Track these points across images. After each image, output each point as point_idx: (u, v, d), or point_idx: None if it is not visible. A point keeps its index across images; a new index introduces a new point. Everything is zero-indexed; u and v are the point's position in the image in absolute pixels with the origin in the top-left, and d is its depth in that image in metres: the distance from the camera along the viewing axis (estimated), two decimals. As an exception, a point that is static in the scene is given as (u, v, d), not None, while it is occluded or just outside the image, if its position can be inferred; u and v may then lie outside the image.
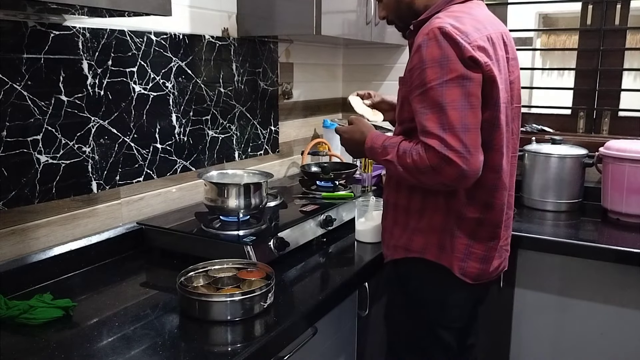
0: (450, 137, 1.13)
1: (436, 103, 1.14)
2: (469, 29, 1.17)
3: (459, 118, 1.13)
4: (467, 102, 1.14)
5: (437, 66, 1.14)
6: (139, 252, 1.55)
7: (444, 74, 1.14)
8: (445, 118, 1.13)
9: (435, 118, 1.14)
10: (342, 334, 1.48)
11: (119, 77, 1.52)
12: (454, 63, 1.14)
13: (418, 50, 1.18)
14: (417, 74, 1.18)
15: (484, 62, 1.16)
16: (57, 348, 1.04)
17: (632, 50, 2.34)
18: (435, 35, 1.15)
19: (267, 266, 1.28)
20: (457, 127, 1.13)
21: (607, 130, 2.30)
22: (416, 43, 1.20)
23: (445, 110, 1.13)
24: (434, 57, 1.15)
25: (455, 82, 1.14)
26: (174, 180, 1.76)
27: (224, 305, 1.13)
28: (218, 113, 1.91)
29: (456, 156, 1.12)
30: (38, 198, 1.34)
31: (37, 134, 1.32)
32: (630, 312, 1.77)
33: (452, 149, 1.12)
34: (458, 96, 1.14)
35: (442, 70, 1.14)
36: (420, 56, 1.17)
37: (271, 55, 2.16)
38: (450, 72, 1.14)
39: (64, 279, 1.37)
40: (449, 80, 1.14)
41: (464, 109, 1.14)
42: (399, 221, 1.37)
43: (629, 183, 1.93)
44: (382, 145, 1.29)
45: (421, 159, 1.17)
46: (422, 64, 1.16)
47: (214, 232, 1.50)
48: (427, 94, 1.16)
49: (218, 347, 1.08)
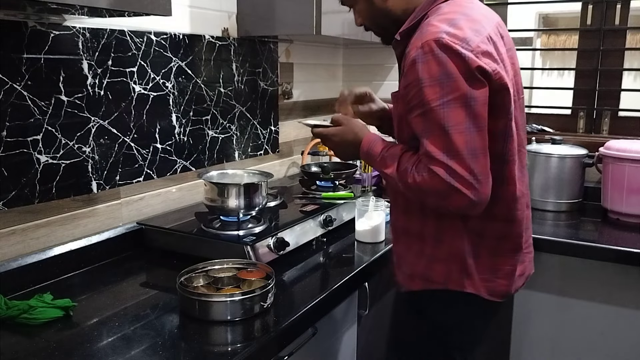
0: (456, 164, 1.02)
1: (439, 126, 1.03)
2: (468, 34, 1.05)
3: (465, 142, 1.02)
4: (473, 124, 1.03)
5: (437, 85, 1.03)
6: (139, 252, 1.55)
7: (445, 93, 1.02)
8: (450, 143, 1.02)
9: (439, 143, 1.03)
10: (342, 334, 1.48)
11: (119, 77, 1.52)
12: (456, 80, 1.02)
13: (413, 66, 1.06)
14: (414, 92, 1.06)
15: (492, 70, 1.05)
16: (57, 348, 1.04)
17: (632, 50, 2.34)
18: (432, 48, 1.03)
19: (267, 266, 1.28)
20: (463, 153, 1.02)
21: (607, 130, 2.30)
22: (409, 57, 1.07)
23: (450, 134, 1.02)
24: (433, 75, 1.03)
25: (459, 102, 1.02)
26: (174, 180, 1.76)
27: (224, 305, 1.13)
28: (218, 113, 1.91)
29: (464, 186, 1.02)
30: (38, 198, 1.34)
31: (37, 134, 1.32)
32: (630, 312, 1.77)
33: (459, 178, 1.02)
34: (463, 118, 1.02)
35: (443, 89, 1.02)
36: (416, 73, 1.05)
37: (271, 55, 2.16)
38: (452, 91, 1.02)
39: (64, 279, 1.37)
40: (451, 100, 1.02)
41: (470, 132, 1.03)
42: (412, 248, 1.25)
43: (629, 183, 1.93)
44: (381, 155, 1.18)
45: (425, 182, 1.06)
46: (419, 82, 1.04)
47: (214, 232, 1.50)
48: (428, 116, 1.05)
49: (218, 347, 1.08)
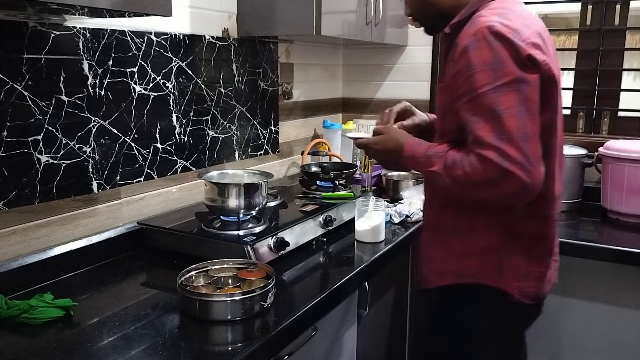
0: (509, 147, 1.02)
1: (490, 110, 1.04)
2: (519, 26, 1.07)
3: (518, 126, 1.02)
4: (524, 108, 1.04)
5: (489, 69, 1.04)
6: (139, 252, 1.55)
7: (497, 77, 1.04)
8: (502, 126, 1.03)
9: (490, 127, 1.04)
10: (342, 334, 1.48)
11: (119, 77, 1.52)
12: (508, 65, 1.04)
13: (464, 53, 1.08)
14: (463, 79, 1.08)
15: (541, 60, 1.07)
16: (58, 348, 1.04)
17: (632, 50, 2.34)
18: (485, 35, 1.05)
19: (267, 266, 1.28)
20: (516, 136, 1.02)
21: (607, 130, 2.30)
22: (461, 45, 1.09)
23: (502, 118, 1.03)
24: (485, 60, 1.05)
25: (511, 86, 1.04)
26: (174, 180, 1.76)
27: (224, 305, 1.13)
28: (218, 113, 1.91)
29: (518, 168, 1.02)
30: (38, 198, 1.34)
31: (37, 134, 1.32)
32: (630, 312, 1.77)
33: (512, 161, 1.02)
34: (514, 101, 1.03)
35: (495, 73, 1.04)
36: (468, 60, 1.07)
37: (271, 55, 2.16)
38: (504, 75, 1.04)
39: (65, 278, 1.37)
40: (503, 84, 1.04)
41: (522, 116, 1.03)
42: (443, 244, 1.26)
43: (629, 183, 1.93)
44: (425, 154, 1.18)
45: (475, 171, 1.06)
46: (471, 68, 1.06)
47: (214, 232, 1.50)
48: (478, 101, 1.06)
49: (218, 346, 1.08)
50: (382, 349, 1.54)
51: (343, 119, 2.77)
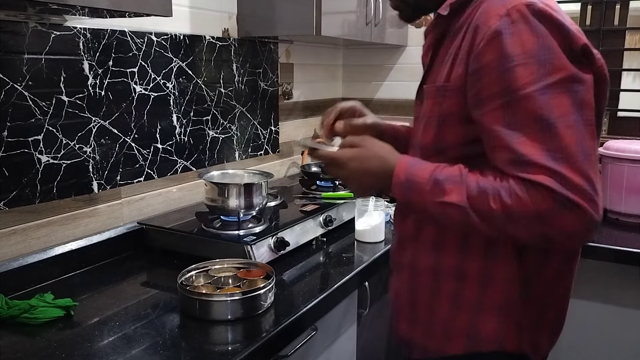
0: (568, 169, 0.77)
1: (537, 118, 0.78)
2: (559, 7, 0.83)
3: (576, 140, 0.77)
4: (581, 116, 0.79)
5: (534, 63, 0.78)
6: (139, 251, 1.55)
7: (545, 73, 0.78)
8: (557, 140, 0.77)
9: (539, 141, 0.78)
10: (342, 333, 1.48)
11: (119, 77, 1.52)
12: (559, 57, 0.79)
13: (494, 40, 0.80)
14: (494, 76, 0.81)
15: (595, 53, 0.82)
16: (58, 347, 1.04)
17: (631, 50, 2.34)
18: (524, 15, 0.79)
19: (267, 266, 1.28)
20: (575, 154, 0.77)
21: (606, 130, 2.30)
22: (491, 29, 0.81)
23: (556, 129, 0.77)
24: (528, 49, 0.78)
25: (564, 86, 0.78)
26: (174, 180, 1.76)
27: (225, 304, 1.13)
28: (218, 113, 1.91)
29: (582, 198, 0.77)
30: (39, 198, 1.34)
31: (38, 134, 1.32)
32: (630, 312, 1.77)
33: (575, 189, 0.77)
34: (569, 107, 0.78)
35: (543, 68, 0.78)
36: (502, 48, 0.79)
37: (271, 55, 2.17)
38: (555, 70, 0.78)
39: (65, 278, 1.37)
40: (554, 83, 0.78)
41: (579, 126, 0.78)
42: (444, 292, 0.95)
43: (628, 183, 1.93)
44: (433, 178, 0.86)
45: (520, 202, 0.79)
46: (506, 60, 0.79)
47: (214, 231, 1.50)
48: (519, 105, 0.79)
49: (218, 346, 1.08)
50: (382, 349, 1.54)
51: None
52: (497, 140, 0.82)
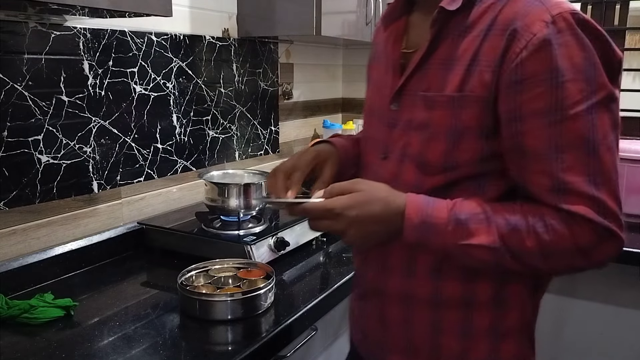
0: (607, 194, 0.73)
1: (585, 140, 0.72)
2: None
3: (613, 163, 0.74)
4: (615, 137, 0.75)
5: (583, 79, 0.72)
6: (139, 251, 1.55)
7: (592, 91, 0.72)
8: (599, 165, 0.73)
9: (584, 165, 0.72)
10: (342, 333, 1.48)
11: (119, 77, 1.52)
12: (602, 74, 0.73)
13: (545, 48, 0.72)
14: (542, 90, 0.72)
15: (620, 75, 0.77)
16: (58, 347, 1.04)
17: (631, 50, 2.34)
18: (571, 25, 0.72)
19: (267, 266, 1.28)
20: (613, 179, 0.74)
21: (607, 130, 2.30)
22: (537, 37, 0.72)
23: (599, 152, 0.72)
24: (577, 64, 0.72)
25: (606, 106, 0.73)
26: (174, 180, 1.76)
27: (225, 304, 1.13)
28: (218, 113, 1.91)
29: (617, 225, 0.74)
30: (39, 198, 1.34)
31: (38, 134, 1.32)
32: (630, 312, 1.77)
33: (612, 216, 0.74)
34: (609, 128, 0.73)
35: (590, 85, 0.72)
36: (553, 61, 0.71)
37: (271, 55, 2.17)
38: (599, 88, 0.73)
39: (65, 278, 1.37)
40: (598, 102, 0.73)
41: (615, 148, 0.75)
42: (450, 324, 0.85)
43: (629, 183, 1.93)
44: (453, 218, 0.77)
45: (559, 237, 0.73)
46: (558, 74, 0.71)
47: (214, 231, 1.50)
48: (568, 126, 0.72)
49: (219, 346, 1.08)
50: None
51: (343, 119, 2.77)
52: (537, 164, 0.74)
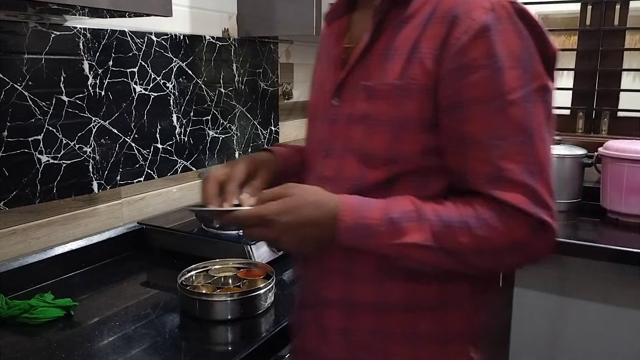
0: (541, 184, 0.72)
1: (521, 128, 0.71)
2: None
3: (547, 155, 0.73)
4: (548, 127, 0.74)
5: (519, 67, 0.71)
6: (139, 251, 1.55)
7: (528, 80, 0.72)
8: (533, 154, 0.71)
9: (521, 154, 0.71)
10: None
11: (119, 77, 1.52)
12: (538, 64, 0.73)
13: (484, 34, 0.71)
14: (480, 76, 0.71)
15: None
16: (58, 347, 1.04)
17: (631, 50, 2.34)
18: (510, 13, 0.72)
19: (267, 266, 1.28)
20: (547, 168, 0.73)
21: (606, 130, 2.30)
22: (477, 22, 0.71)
23: (534, 141, 0.71)
24: (515, 52, 0.71)
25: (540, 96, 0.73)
26: (174, 180, 1.76)
27: (225, 304, 1.13)
28: (218, 113, 1.91)
29: (550, 216, 0.72)
30: (39, 198, 1.34)
31: (38, 134, 1.32)
32: (630, 312, 1.77)
33: (545, 207, 0.72)
34: (543, 118, 0.73)
35: (526, 73, 0.71)
36: (492, 47, 0.70)
37: (271, 55, 2.17)
38: (535, 77, 0.72)
39: (65, 278, 1.37)
40: (534, 91, 0.72)
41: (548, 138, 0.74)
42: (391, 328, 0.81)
43: (628, 183, 1.93)
44: (386, 217, 0.74)
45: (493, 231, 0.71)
46: (496, 60, 0.70)
47: (214, 231, 1.50)
48: (506, 113, 0.71)
49: (219, 346, 1.09)
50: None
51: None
52: (476, 151, 0.73)
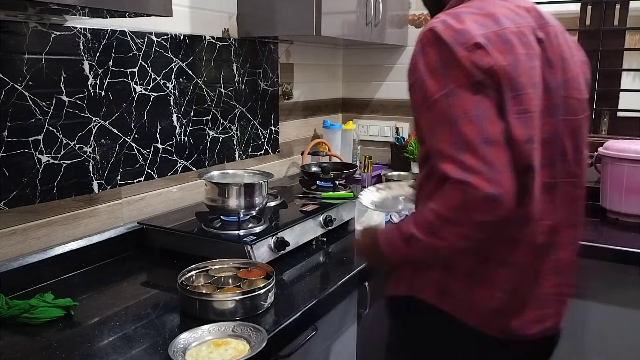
0: (467, 156, 0.91)
1: (446, 118, 0.95)
2: (469, 26, 0.97)
3: (476, 131, 0.92)
4: (481, 111, 0.93)
5: (438, 75, 0.96)
6: (139, 251, 1.56)
7: (447, 82, 0.95)
8: (460, 134, 0.93)
9: (447, 136, 0.94)
10: (342, 333, 1.48)
11: (119, 77, 1.52)
12: (453, 68, 0.95)
13: (413, 58, 1.01)
14: (418, 87, 1.00)
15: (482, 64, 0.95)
16: (58, 347, 1.04)
17: (631, 50, 2.34)
18: (429, 39, 0.98)
19: (267, 266, 1.29)
20: (474, 142, 0.91)
21: (606, 130, 2.30)
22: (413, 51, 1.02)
23: (458, 125, 0.93)
24: (432, 65, 0.97)
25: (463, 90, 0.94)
26: (174, 180, 1.76)
27: (225, 304, 1.13)
28: (218, 113, 1.91)
29: (477, 178, 0.90)
30: (39, 198, 1.34)
31: (38, 134, 1.32)
32: (630, 312, 1.77)
33: (471, 171, 0.90)
34: (470, 105, 0.94)
35: (444, 78, 0.96)
36: (416, 66, 1.00)
37: (271, 55, 2.17)
38: (453, 78, 0.95)
39: (65, 278, 1.37)
40: (455, 88, 0.95)
41: (479, 120, 0.93)
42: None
43: (628, 183, 1.93)
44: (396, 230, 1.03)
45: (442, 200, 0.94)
46: (421, 75, 0.98)
47: (214, 231, 1.50)
48: (433, 110, 0.96)
49: (219, 346, 1.08)
50: (382, 348, 1.54)
51: (343, 119, 2.77)
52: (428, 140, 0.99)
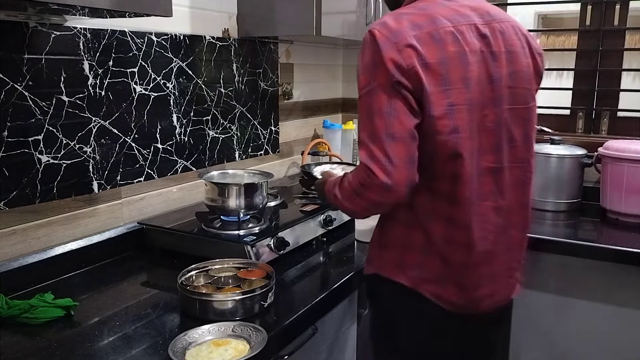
0: (375, 147, 1.06)
1: (367, 111, 1.09)
2: (404, 27, 1.07)
3: (384, 127, 1.06)
4: (392, 109, 1.06)
5: (367, 72, 1.09)
6: (139, 251, 1.56)
7: (372, 79, 1.08)
8: (373, 127, 1.07)
9: (366, 127, 1.09)
10: (342, 333, 1.48)
11: (119, 77, 1.52)
12: (380, 67, 1.06)
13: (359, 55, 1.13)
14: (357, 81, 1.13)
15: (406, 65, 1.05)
16: (58, 347, 1.04)
17: (631, 50, 2.34)
18: (367, 40, 1.10)
19: (267, 266, 1.28)
20: (381, 136, 1.05)
21: (606, 130, 2.30)
22: None
23: (373, 118, 1.07)
24: (365, 63, 1.09)
25: (382, 88, 1.06)
26: (174, 180, 1.76)
27: (225, 304, 1.13)
28: (218, 113, 1.91)
29: (377, 167, 1.05)
30: (39, 198, 1.34)
31: (38, 134, 1.32)
32: (630, 312, 1.77)
33: (375, 160, 1.05)
34: (384, 103, 1.06)
35: (371, 75, 1.08)
36: (358, 62, 1.12)
37: (271, 55, 2.17)
38: (377, 77, 1.07)
39: (65, 278, 1.37)
40: (377, 86, 1.07)
41: (389, 117, 1.06)
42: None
43: (628, 183, 1.93)
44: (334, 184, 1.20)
45: (354, 175, 1.11)
46: (358, 71, 1.12)
47: (214, 231, 1.50)
48: (361, 102, 1.11)
49: (219, 346, 1.08)
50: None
51: (343, 119, 2.77)
52: None
